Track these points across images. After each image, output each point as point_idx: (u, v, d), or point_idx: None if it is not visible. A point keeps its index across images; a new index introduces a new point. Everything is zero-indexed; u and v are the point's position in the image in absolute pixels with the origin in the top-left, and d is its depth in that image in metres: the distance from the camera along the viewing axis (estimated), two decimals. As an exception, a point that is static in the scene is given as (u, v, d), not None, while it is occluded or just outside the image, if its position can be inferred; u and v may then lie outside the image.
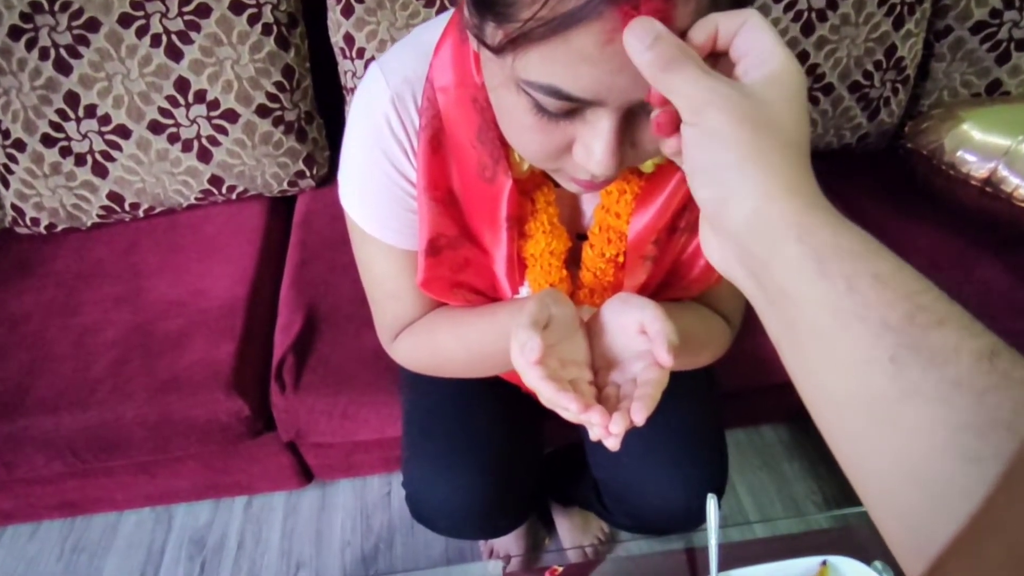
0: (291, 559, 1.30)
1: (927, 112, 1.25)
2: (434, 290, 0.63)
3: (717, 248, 0.35)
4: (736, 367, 1.04)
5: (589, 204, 0.64)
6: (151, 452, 1.09)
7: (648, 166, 0.57)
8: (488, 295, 0.66)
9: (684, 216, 0.61)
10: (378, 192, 0.60)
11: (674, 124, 0.35)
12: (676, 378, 0.53)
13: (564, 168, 0.46)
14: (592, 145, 0.41)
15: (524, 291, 0.64)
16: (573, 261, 0.64)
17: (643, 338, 0.52)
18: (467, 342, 0.66)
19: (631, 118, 0.40)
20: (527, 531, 1.24)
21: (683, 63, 0.32)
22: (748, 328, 0.77)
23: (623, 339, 0.54)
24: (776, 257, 0.30)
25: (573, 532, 1.24)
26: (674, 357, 0.48)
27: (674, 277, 0.66)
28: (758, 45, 0.33)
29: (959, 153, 1.14)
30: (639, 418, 0.47)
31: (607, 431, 0.46)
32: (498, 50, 0.39)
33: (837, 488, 1.35)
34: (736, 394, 1.02)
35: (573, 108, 0.40)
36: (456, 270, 0.62)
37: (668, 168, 0.57)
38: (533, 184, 0.59)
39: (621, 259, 0.62)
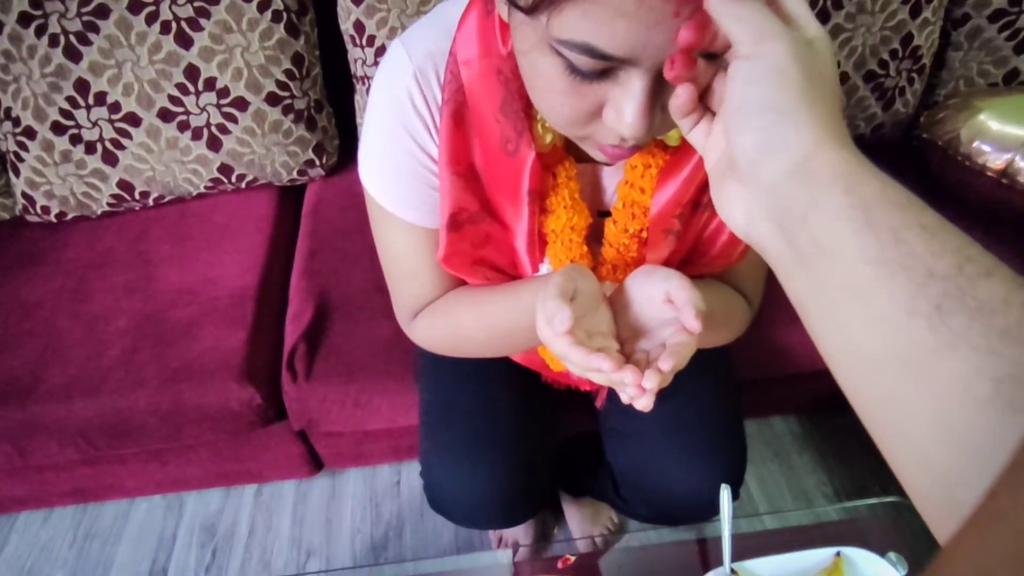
0: (301, 546, 1.31)
1: (943, 102, 1.24)
2: (455, 266, 0.63)
3: (741, 204, 0.34)
4: (747, 358, 1.04)
5: (610, 180, 0.63)
6: (163, 440, 1.09)
7: (674, 138, 0.57)
8: (508, 272, 0.66)
9: (708, 191, 0.60)
10: (399, 169, 0.60)
11: (693, 60, 0.36)
12: (696, 366, 0.53)
13: (593, 135, 0.46)
14: (624, 106, 0.41)
15: (544, 268, 0.64)
16: (594, 238, 0.63)
17: (669, 307, 0.52)
18: (488, 320, 0.65)
19: (662, 81, 0.40)
20: (536, 520, 1.24)
21: None
22: (759, 319, 0.77)
23: (649, 309, 0.55)
24: (817, 209, 0.29)
25: (583, 522, 1.24)
26: (701, 323, 0.49)
27: (696, 254, 0.66)
28: (794, 12, 0.35)
29: (975, 144, 1.12)
30: (666, 365, 0.47)
31: (640, 389, 0.47)
32: (532, 9, 0.39)
33: (847, 480, 1.35)
34: (747, 385, 1.01)
35: (606, 68, 0.40)
36: (477, 246, 0.62)
37: None
38: (555, 158, 0.59)
39: (644, 234, 0.62)
